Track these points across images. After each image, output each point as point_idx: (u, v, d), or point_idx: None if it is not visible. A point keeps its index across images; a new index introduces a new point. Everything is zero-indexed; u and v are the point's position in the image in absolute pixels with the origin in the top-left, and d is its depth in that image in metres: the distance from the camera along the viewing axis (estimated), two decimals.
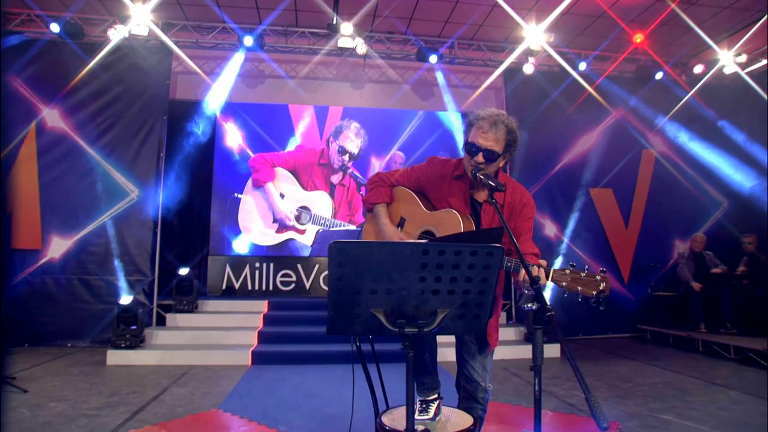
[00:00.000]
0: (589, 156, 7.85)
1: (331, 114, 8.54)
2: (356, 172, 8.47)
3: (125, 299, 6.08)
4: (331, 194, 8.41)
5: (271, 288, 8.11)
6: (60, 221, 6.69)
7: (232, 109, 8.22)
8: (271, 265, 8.19)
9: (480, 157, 2.13)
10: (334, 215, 8.39)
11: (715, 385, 4.88)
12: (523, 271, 1.96)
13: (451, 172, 2.30)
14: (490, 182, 2.02)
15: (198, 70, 7.65)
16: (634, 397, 4.47)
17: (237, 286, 8.04)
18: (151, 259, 6.85)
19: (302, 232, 8.30)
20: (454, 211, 2.20)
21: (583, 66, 7.59)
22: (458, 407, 2.37)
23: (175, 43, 7.24)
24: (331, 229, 8.34)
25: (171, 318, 6.70)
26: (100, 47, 6.84)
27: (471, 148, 2.14)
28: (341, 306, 1.69)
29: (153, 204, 6.95)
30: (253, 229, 8.17)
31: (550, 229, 7.70)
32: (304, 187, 8.36)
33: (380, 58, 7.99)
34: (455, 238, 1.97)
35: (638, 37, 7.32)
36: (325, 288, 6.06)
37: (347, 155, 8.45)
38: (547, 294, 7.19)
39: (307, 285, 8.17)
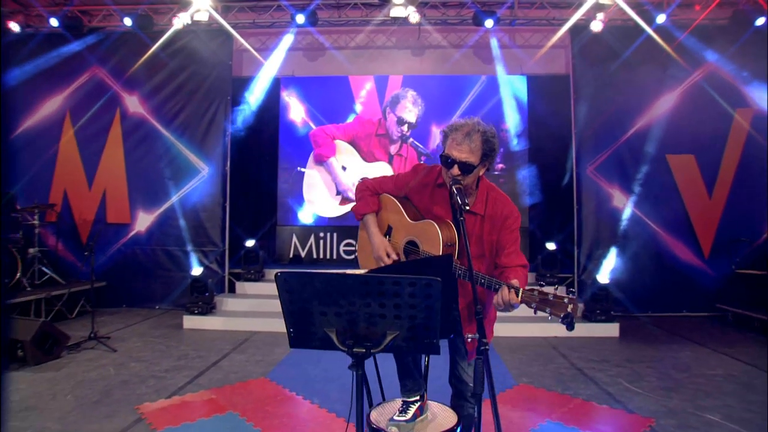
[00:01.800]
0: (667, 119, 7.07)
1: (391, 83, 8.47)
2: (416, 142, 8.41)
3: (196, 270, 6.75)
4: (390, 165, 8.47)
5: (335, 256, 8.49)
6: (144, 198, 7.51)
7: (293, 83, 8.45)
8: (335, 234, 8.53)
9: (455, 170, 2.10)
10: None
11: None
12: (498, 294, 2.01)
13: (434, 180, 2.30)
14: (458, 199, 1.99)
15: (253, 51, 7.91)
16: (684, 391, 4.19)
17: (303, 254, 8.52)
18: (221, 231, 7.48)
19: None
20: (434, 223, 2.22)
21: (662, 18, 6.71)
22: (450, 404, 2.48)
23: (234, 24, 7.54)
24: None
25: (240, 286, 7.33)
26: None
27: (446, 160, 2.12)
28: (297, 324, 1.81)
29: (221, 179, 7.52)
30: (317, 201, 8.52)
31: (619, 199, 7.19)
32: (365, 159, 8.49)
33: (436, 24, 7.70)
34: (403, 266, 2.00)
35: None
36: None
37: (406, 125, 8.39)
38: (609, 264, 6.73)
39: None
